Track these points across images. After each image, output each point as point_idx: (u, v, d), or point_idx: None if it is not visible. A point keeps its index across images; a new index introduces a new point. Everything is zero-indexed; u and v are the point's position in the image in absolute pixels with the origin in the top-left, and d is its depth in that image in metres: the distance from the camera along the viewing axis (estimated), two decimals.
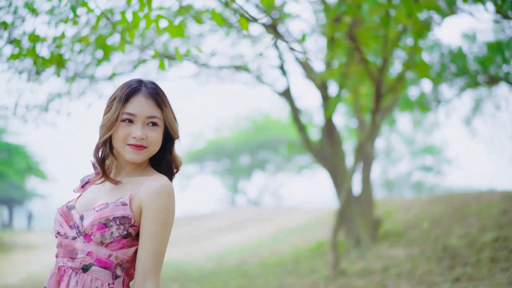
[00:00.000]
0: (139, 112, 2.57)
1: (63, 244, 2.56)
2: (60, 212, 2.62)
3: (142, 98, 2.59)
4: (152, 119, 2.58)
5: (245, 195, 43.72)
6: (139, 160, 2.60)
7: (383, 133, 32.37)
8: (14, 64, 11.34)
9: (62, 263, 2.54)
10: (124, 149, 2.58)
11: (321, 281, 9.06)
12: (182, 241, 26.90)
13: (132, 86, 2.59)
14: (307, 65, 11.05)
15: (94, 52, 11.59)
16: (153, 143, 2.60)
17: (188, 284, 11.38)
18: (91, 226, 2.50)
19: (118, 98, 2.57)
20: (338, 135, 11.45)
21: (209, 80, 13.89)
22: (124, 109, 2.56)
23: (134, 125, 2.57)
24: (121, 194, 2.60)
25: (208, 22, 10.90)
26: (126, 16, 4.61)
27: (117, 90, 2.61)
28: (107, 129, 2.57)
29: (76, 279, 2.50)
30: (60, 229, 2.58)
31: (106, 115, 2.60)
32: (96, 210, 2.53)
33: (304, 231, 17.87)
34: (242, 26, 4.05)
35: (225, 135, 40.42)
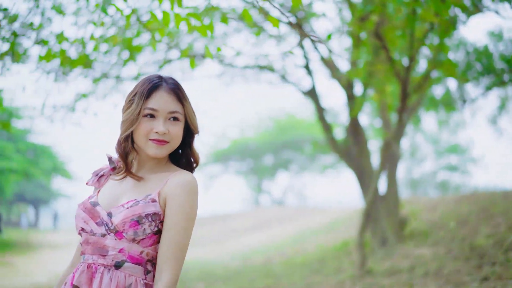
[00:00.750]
0: (161, 107, 2.61)
1: (91, 242, 2.58)
2: (83, 209, 2.64)
3: (163, 93, 2.62)
4: (174, 114, 2.63)
5: (269, 195, 43.72)
6: (161, 154, 2.64)
7: (408, 133, 32.22)
8: (42, 65, 11.47)
9: (92, 261, 2.56)
10: (147, 144, 2.62)
11: (348, 280, 9.05)
12: (206, 241, 26.98)
13: (153, 82, 2.63)
14: (332, 64, 11.04)
15: (120, 52, 11.69)
16: (174, 138, 2.64)
17: (213, 283, 11.42)
18: (123, 223, 2.52)
19: (139, 94, 2.60)
20: (363, 134, 11.42)
21: (234, 80, 13.93)
22: (146, 105, 2.60)
23: (156, 120, 2.60)
24: (148, 190, 2.63)
25: (232, 22, 10.94)
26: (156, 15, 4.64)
27: (137, 86, 2.65)
28: (130, 124, 2.61)
29: (109, 276, 2.52)
30: (85, 226, 2.61)
31: (127, 111, 2.63)
32: (126, 207, 2.56)
33: (329, 231, 17.84)
34: (273, 24, 4.06)
35: (249, 135, 40.42)
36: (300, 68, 12.10)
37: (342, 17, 10.51)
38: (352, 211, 20.59)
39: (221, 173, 43.54)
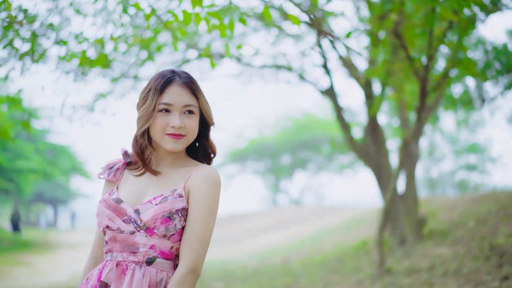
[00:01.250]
0: (176, 101, 2.63)
1: (119, 239, 2.60)
2: (106, 206, 2.65)
3: (177, 87, 2.65)
4: (189, 107, 2.65)
5: (287, 195, 43.69)
6: (178, 148, 2.66)
7: (427, 132, 32.09)
8: (61, 65, 11.55)
9: (122, 258, 2.59)
10: (163, 139, 2.65)
11: (367, 280, 9.04)
12: (224, 240, 27.02)
13: (166, 77, 2.65)
14: (351, 63, 11.02)
15: (139, 52, 11.75)
16: (191, 131, 2.67)
17: (232, 283, 11.44)
18: (154, 219, 2.55)
19: (153, 89, 2.63)
20: (382, 133, 11.40)
21: (252, 79, 13.95)
22: (160, 100, 2.62)
23: (171, 114, 2.63)
24: (172, 186, 2.66)
25: (250, 21, 10.95)
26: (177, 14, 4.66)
27: (150, 82, 2.67)
28: (145, 120, 2.64)
29: (142, 273, 2.55)
30: (111, 224, 2.62)
31: (142, 107, 2.66)
32: (155, 203, 2.58)
33: (347, 230, 17.81)
34: (293, 22, 4.08)
35: (266, 135, 40.39)
36: (318, 67, 12.09)
37: (360, 16, 10.50)
38: (370, 210, 20.54)
39: (239, 173, 43.57)
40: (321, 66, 11.70)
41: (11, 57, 11.10)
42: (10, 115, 22.13)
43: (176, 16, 4.64)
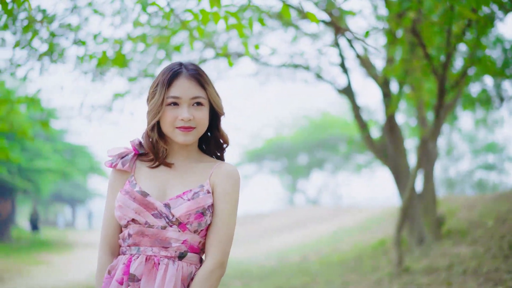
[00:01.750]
0: (184, 94, 2.64)
1: (149, 234, 2.61)
2: (131, 199, 2.63)
3: (184, 80, 2.65)
4: (197, 99, 2.66)
5: (304, 194, 43.62)
6: (190, 141, 2.68)
7: (445, 131, 31.92)
8: (79, 65, 11.63)
9: (152, 253, 2.60)
10: (174, 132, 2.66)
11: (385, 278, 9.02)
12: (241, 240, 27.03)
13: (173, 70, 2.66)
14: (368, 62, 11.00)
15: (156, 52, 11.80)
16: (201, 123, 2.68)
17: (250, 282, 11.46)
18: (187, 215, 2.58)
19: (161, 83, 2.64)
20: (399, 132, 11.36)
21: (269, 78, 13.95)
22: (168, 93, 2.63)
23: (180, 107, 2.64)
24: (197, 181, 2.70)
25: (268, 20, 10.96)
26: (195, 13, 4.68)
27: (159, 76, 2.68)
28: (154, 115, 2.65)
29: (175, 267, 2.59)
30: (138, 218, 2.61)
31: (151, 101, 2.67)
32: (187, 198, 2.61)
33: (365, 230, 17.77)
34: (311, 20, 4.07)
35: (283, 134, 40.33)
36: (335, 66, 12.08)
37: (377, 15, 10.47)
38: (388, 210, 20.47)
39: (255, 173, 43.54)
40: (338, 65, 11.69)
41: (30, 57, 11.20)
42: (29, 115, 22.29)
43: (196, 15, 4.65)
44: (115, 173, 2.78)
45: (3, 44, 10.74)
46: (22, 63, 11.29)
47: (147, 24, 9.80)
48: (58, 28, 10.30)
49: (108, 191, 2.78)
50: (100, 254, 2.73)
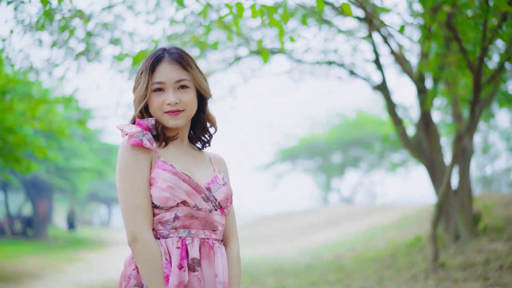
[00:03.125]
0: (167, 78, 2.63)
1: (199, 216, 2.59)
2: (181, 180, 2.57)
3: (167, 64, 2.64)
4: (181, 82, 2.65)
5: (338, 193, 43.47)
6: (180, 124, 2.66)
7: (481, 129, 31.58)
8: (115, 64, 11.78)
9: (204, 236, 2.60)
10: (163, 118, 2.64)
11: (421, 274, 8.99)
12: (275, 238, 27.09)
13: (155, 55, 2.66)
14: (403, 58, 10.96)
15: (191, 50, 11.89)
16: (188, 105, 2.66)
17: (284, 278, 11.48)
18: (226, 199, 2.67)
19: (145, 70, 2.64)
20: (435, 128, 11.30)
21: (303, 76, 13.97)
22: (152, 79, 2.62)
23: (166, 92, 2.63)
24: (209, 166, 2.80)
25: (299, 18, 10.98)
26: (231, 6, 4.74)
27: (143, 64, 2.67)
28: (139, 102, 2.64)
29: (222, 250, 2.67)
30: (189, 200, 2.57)
31: (136, 89, 2.66)
32: (222, 183, 2.69)
33: (400, 227, 17.69)
34: (346, 12, 4.08)
35: (317, 132, 40.20)
36: (369, 63, 12.06)
37: (412, 11, 10.44)
38: (423, 208, 20.34)
39: (289, 171, 43.49)
40: (372, 62, 11.67)
41: (67, 57, 11.37)
42: (66, 115, 22.57)
43: (231, 8, 4.70)
44: (139, 151, 2.58)
45: (41, 44, 10.93)
46: (59, 63, 11.48)
47: (183, 22, 9.90)
48: (95, 27, 10.47)
49: (132, 171, 2.54)
50: (148, 238, 2.50)
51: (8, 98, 13.26)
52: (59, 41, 10.76)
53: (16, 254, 20.39)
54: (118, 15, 10.34)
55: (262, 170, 43.69)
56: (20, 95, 14.09)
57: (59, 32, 10.40)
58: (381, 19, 9.65)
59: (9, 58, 10.74)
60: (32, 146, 14.88)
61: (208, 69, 12.71)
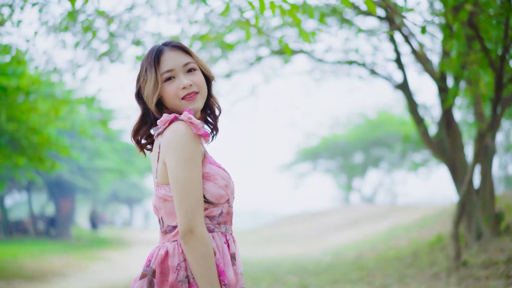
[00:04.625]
0: (174, 64, 2.64)
1: (231, 213, 2.68)
2: (230, 178, 2.65)
3: (170, 52, 2.66)
4: (188, 65, 2.65)
5: (359, 193, 43.36)
6: (199, 107, 2.66)
7: (503, 128, 31.34)
8: (138, 64, 11.88)
9: (231, 231, 2.71)
10: (181, 104, 2.62)
11: (443, 273, 8.99)
12: (297, 237, 27.12)
13: (156, 49, 2.67)
14: (424, 57, 10.95)
15: (213, 50, 11.97)
16: (201, 86, 2.67)
17: (306, 277, 11.52)
18: None
19: (149, 66, 2.63)
20: (457, 127, 11.26)
21: (324, 75, 14.00)
22: (161, 70, 2.62)
23: (177, 78, 2.63)
24: None
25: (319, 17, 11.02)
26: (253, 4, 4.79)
27: (143, 63, 2.68)
28: (152, 93, 2.61)
29: None
30: (231, 198, 2.66)
31: (146, 86, 2.63)
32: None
33: (422, 227, 17.66)
34: (369, 8, 4.12)
35: (338, 132, 40.09)
36: (390, 62, 12.06)
37: (433, 10, 10.43)
38: (445, 208, 20.27)
39: (310, 171, 43.44)
40: (393, 61, 11.67)
41: (90, 58, 11.50)
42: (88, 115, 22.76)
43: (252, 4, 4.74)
44: (199, 142, 2.57)
45: (64, 45, 11.07)
46: (82, 64, 11.61)
47: (205, 22, 9.98)
48: (117, 28, 10.58)
49: (197, 162, 2.52)
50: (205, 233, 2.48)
51: (32, 99, 13.43)
52: (82, 42, 10.90)
53: (40, 253, 20.63)
54: (140, 16, 10.46)
55: (284, 170, 43.72)
56: (44, 96, 14.26)
57: (82, 33, 10.54)
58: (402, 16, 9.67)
59: (33, 59, 10.90)
60: (56, 146, 15.06)
61: (230, 70, 12.80)
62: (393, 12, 7.88)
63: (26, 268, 16.18)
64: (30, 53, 10.53)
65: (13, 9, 8.78)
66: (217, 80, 9.34)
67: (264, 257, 18.27)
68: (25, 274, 15.08)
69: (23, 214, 41.42)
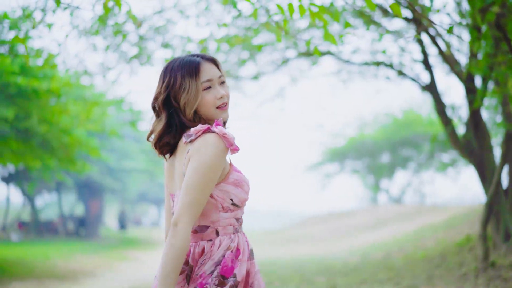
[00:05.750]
0: (212, 75, 2.85)
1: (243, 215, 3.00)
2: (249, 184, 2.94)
3: (207, 64, 2.86)
4: (221, 77, 2.88)
5: (387, 193, 43.17)
6: (228, 117, 2.91)
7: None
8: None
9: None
10: (216, 113, 2.84)
11: (470, 273, 9.01)
12: (324, 237, 27.13)
13: (195, 60, 2.84)
14: (452, 58, 10.95)
15: (240, 52, 12.08)
16: (229, 98, 2.90)
17: (334, 277, 11.57)
18: None
19: (188, 74, 2.80)
20: (485, 127, 11.23)
21: (351, 77, 14.04)
22: (201, 79, 2.81)
23: (213, 88, 2.84)
24: None
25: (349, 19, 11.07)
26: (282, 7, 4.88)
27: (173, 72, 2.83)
28: (194, 100, 2.80)
29: None
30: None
31: (184, 94, 2.80)
32: None
33: (450, 227, 17.60)
34: (394, 12, 4.19)
35: (366, 132, 39.93)
36: (418, 63, 12.06)
37: (460, 10, 10.43)
38: (474, 208, 20.17)
39: (337, 172, 43.30)
40: (421, 62, 11.68)
41: (120, 61, 11.69)
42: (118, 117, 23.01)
43: (282, 8, 4.84)
44: (225, 155, 2.81)
45: (95, 48, 11.27)
46: (113, 67, 11.79)
47: (232, 25, 10.10)
48: (147, 31, 10.75)
49: (216, 172, 2.76)
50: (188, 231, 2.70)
51: (64, 101, 13.67)
52: (113, 45, 11.08)
53: (70, 253, 20.91)
54: (169, 19, 10.61)
55: (311, 170, 43.67)
56: (75, 98, 14.50)
57: (112, 36, 10.72)
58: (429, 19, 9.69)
59: (65, 62, 11.10)
60: (86, 147, 15.29)
61: (257, 71, 12.90)
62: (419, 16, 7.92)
63: (58, 268, 16.44)
64: (62, 56, 10.74)
65: (45, 12, 8.99)
66: (245, 81, 9.49)
67: (291, 257, 18.33)
68: (57, 274, 15.32)
69: (53, 214, 41.91)
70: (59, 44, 9.92)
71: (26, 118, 13.37)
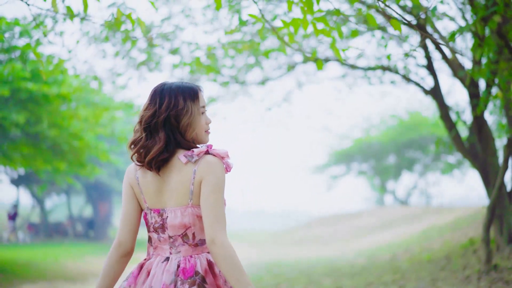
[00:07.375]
0: (204, 103, 3.21)
1: None
2: None
3: (200, 92, 3.18)
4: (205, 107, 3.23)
5: (393, 195, 43.21)
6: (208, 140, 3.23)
7: None
8: (175, 72, 12.22)
9: None
10: (204, 136, 3.18)
11: (474, 276, 9.15)
12: (330, 239, 27.25)
13: (193, 86, 3.16)
14: (456, 63, 11.07)
15: (247, 58, 12.25)
16: None
17: (340, 279, 11.73)
18: None
19: (190, 98, 3.09)
20: (488, 131, 11.32)
21: (357, 81, 14.19)
22: (200, 104, 3.15)
23: (204, 114, 3.18)
24: None
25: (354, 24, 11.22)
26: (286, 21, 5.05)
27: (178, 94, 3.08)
28: (195, 123, 3.11)
29: None
30: None
31: (188, 114, 3.07)
32: None
33: (456, 229, 17.71)
34: (395, 28, 4.36)
35: (372, 134, 39.95)
36: (422, 68, 12.19)
37: (463, 16, 10.57)
38: (478, 209, 20.26)
39: (344, 173, 43.36)
40: (424, 67, 11.80)
41: (129, 67, 11.89)
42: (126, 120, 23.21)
43: (286, 23, 5.01)
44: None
45: (104, 55, 11.48)
46: (122, 72, 12.00)
47: (238, 31, 10.27)
48: (155, 38, 10.94)
49: (224, 190, 3.08)
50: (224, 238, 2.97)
51: (74, 106, 13.86)
52: (122, 51, 11.28)
53: (80, 255, 21.10)
54: (177, 25, 10.80)
55: (318, 172, 43.77)
56: (85, 103, 14.69)
57: (121, 43, 10.92)
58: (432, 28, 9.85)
59: (75, 68, 11.31)
60: (96, 150, 15.48)
61: (264, 76, 13.07)
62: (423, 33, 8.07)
63: (67, 269, 16.64)
64: (72, 62, 10.95)
65: (56, 20, 9.19)
66: (252, 86, 9.70)
67: (298, 259, 18.47)
68: (67, 275, 15.52)
69: (62, 216, 42.09)
70: (70, 51, 10.14)
71: (37, 123, 13.59)
